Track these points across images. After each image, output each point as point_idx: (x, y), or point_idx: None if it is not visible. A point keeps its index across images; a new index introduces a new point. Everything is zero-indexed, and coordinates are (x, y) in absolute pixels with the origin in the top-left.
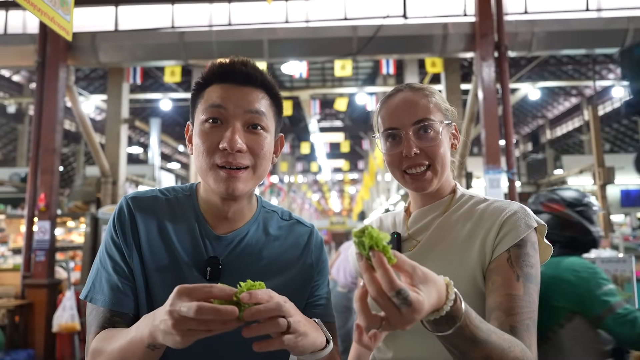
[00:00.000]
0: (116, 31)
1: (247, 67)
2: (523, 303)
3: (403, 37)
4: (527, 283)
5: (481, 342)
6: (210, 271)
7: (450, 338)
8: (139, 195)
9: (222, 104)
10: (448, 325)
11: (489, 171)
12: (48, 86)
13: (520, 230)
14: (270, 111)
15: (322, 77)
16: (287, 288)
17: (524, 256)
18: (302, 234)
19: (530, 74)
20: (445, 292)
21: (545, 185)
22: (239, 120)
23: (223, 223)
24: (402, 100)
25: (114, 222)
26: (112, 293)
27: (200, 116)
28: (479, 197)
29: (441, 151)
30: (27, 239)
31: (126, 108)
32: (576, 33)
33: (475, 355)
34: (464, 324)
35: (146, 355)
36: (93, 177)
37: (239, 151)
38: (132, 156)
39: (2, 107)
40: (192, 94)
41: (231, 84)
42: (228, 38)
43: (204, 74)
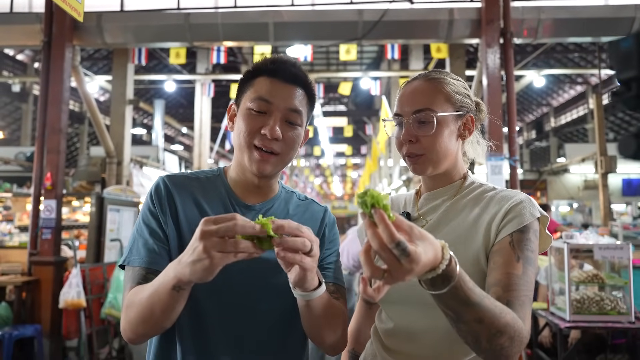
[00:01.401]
0: (122, 11)
1: (296, 68)
2: (521, 281)
3: (408, 22)
4: (526, 265)
5: (474, 304)
6: None
7: (445, 298)
8: (173, 175)
9: (269, 99)
10: (443, 284)
11: (491, 158)
12: (54, 66)
13: (524, 217)
14: (305, 109)
15: (327, 61)
16: None
17: (525, 241)
18: (317, 211)
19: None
20: (441, 252)
21: (548, 173)
22: (281, 114)
23: (251, 196)
24: (412, 89)
25: (151, 196)
26: (148, 253)
27: (247, 103)
28: (488, 186)
29: (436, 142)
30: (33, 217)
31: (131, 89)
32: (583, 20)
33: (468, 317)
34: (458, 285)
35: (171, 297)
36: (98, 158)
37: (276, 139)
38: (136, 137)
39: (6, 86)
40: (241, 80)
41: (279, 80)
42: (233, 20)
43: (256, 64)
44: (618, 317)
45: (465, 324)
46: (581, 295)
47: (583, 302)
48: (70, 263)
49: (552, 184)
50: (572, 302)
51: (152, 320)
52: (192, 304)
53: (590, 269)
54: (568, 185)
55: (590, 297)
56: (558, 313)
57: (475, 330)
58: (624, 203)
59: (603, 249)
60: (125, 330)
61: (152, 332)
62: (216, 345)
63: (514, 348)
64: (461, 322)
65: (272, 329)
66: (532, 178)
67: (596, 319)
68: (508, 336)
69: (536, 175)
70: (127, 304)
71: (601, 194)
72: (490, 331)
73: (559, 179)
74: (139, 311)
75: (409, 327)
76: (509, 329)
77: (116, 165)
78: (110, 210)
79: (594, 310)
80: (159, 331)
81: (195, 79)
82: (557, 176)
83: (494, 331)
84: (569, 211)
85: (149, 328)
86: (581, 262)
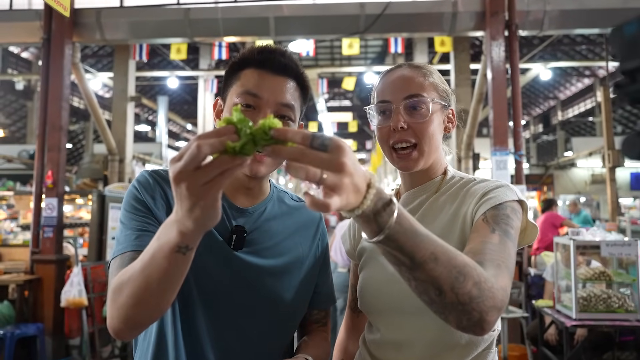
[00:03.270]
0: (121, 7)
1: (286, 57)
2: (495, 248)
3: (412, 15)
4: (503, 237)
5: (423, 234)
6: (235, 239)
7: (392, 235)
8: (159, 170)
9: (257, 92)
10: (386, 212)
11: (496, 152)
12: (54, 63)
13: (498, 198)
14: (298, 102)
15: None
16: (300, 265)
17: (501, 216)
18: (313, 216)
19: (543, 53)
20: (367, 174)
21: (554, 167)
22: (270, 109)
23: (242, 198)
24: (398, 76)
25: (136, 187)
26: (136, 236)
27: (234, 98)
28: (468, 178)
29: (429, 130)
30: (35, 216)
31: (133, 85)
32: (590, 11)
33: (422, 254)
34: (400, 213)
35: (175, 263)
36: (100, 155)
37: None
38: (141, 134)
39: (11, 84)
40: (226, 72)
41: (268, 71)
42: (234, 15)
43: (242, 55)
44: (626, 315)
45: (422, 267)
46: (588, 292)
47: (590, 299)
48: (72, 261)
49: (559, 178)
50: (579, 299)
51: (148, 300)
52: (185, 314)
53: (598, 265)
54: (575, 180)
55: (597, 294)
56: (564, 311)
57: (434, 274)
58: (632, 197)
59: (610, 246)
60: (114, 319)
61: (146, 317)
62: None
63: (485, 300)
64: (417, 266)
65: (266, 341)
66: (538, 172)
67: (603, 317)
68: (472, 281)
69: (542, 169)
70: (114, 288)
71: (609, 188)
72: (451, 273)
73: (565, 174)
74: (131, 291)
75: (397, 337)
76: (469, 271)
77: (118, 163)
78: (112, 208)
79: (601, 308)
80: (154, 316)
81: (198, 75)
82: (564, 170)
83: (454, 273)
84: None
85: (143, 311)
86: (588, 258)
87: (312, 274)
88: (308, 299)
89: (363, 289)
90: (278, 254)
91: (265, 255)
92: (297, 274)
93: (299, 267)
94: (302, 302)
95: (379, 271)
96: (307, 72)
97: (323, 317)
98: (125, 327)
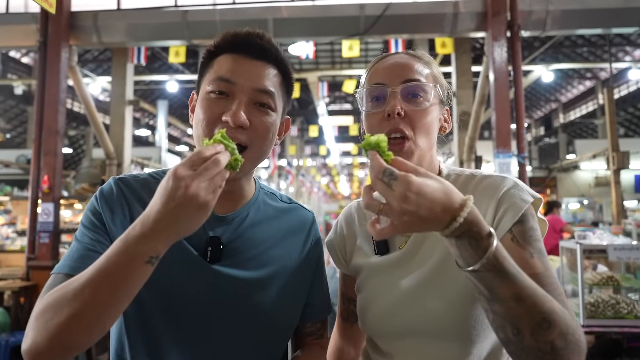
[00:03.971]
0: (118, 10)
1: (263, 40)
2: (549, 280)
3: (412, 15)
4: (542, 258)
5: (510, 275)
6: (211, 252)
7: (482, 269)
8: (127, 177)
9: (231, 78)
10: (476, 248)
11: (499, 155)
12: (50, 66)
13: (518, 205)
14: (280, 90)
15: (332, 59)
16: (289, 274)
17: (529, 231)
18: (303, 219)
19: (544, 56)
20: (459, 198)
21: (557, 169)
22: (246, 96)
23: (222, 203)
24: (395, 61)
25: (96, 198)
26: (79, 255)
27: (206, 87)
28: (465, 174)
29: (427, 120)
30: (31, 221)
31: (131, 89)
32: (593, 11)
33: (504, 293)
34: (496, 251)
35: (144, 273)
36: (99, 159)
37: (241, 126)
38: (142, 138)
39: (11, 89)
40: (201, 63)
41: (244, 55)
42: (232, 17)
43: (216, 41)
44: (635, 321)
45: (501, 303)
46: (595, 298)
47: (597, 305)
48: None
49: (562, 181)
50: (586, 305)
51: (95, 317)
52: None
53: (605, 270)
54: (579, 182)
55: (605, 300)
56: None
57: (513, 313)
58: (636, 200)
59: (618, 250)
60: (40, 343)
61: (86, 338)
62: None
63: (571, 354)
64: (496, 301)
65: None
66: (541, 175)
67: (612, 323)
68: (558, 331)
69: (545, 172)
70: (46, 308)
71: (613, 191)
72: (534, 317)
73: (569, 176)
74: (76, 309)
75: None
76: (557, 319)
77: (116, 167)
78: None
79: (609, 314)
80: (94, 337)
81: None
82: (567, 173)
83: (538, 318)
84: (579, 208)
85: (86, 330)
86: (594, 262)
87: (302, 284)
88: (299, 311)
89: (368, 311)
90: (262, 264)
91: (248, 267)
92: (285, 284)
93: (287, 277)
94: (291, 315)
95: (388, 292)
96: (307, 75)
97: (318, 329)
98: (56, 351)
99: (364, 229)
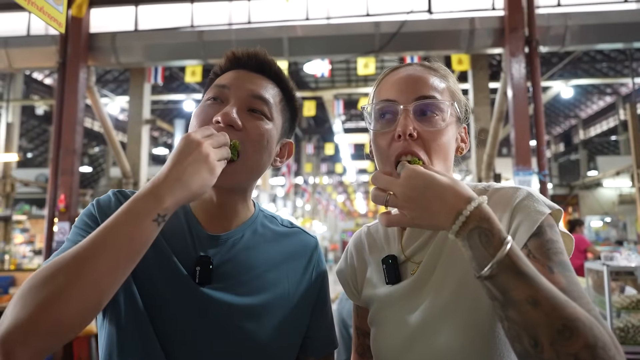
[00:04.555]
0: (136, 31)
1: (264, 57)
2: (575, 294)
3: (428, 33)
4: (565, 272)
5: (526, 275)
6: (199, 271)
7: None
8: (127, 191)
9: (226, 84)
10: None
11: (519, 172)
12: (68, 87)
13: (532, 218)
14: (278, 104)
15: (347, 77)
16: (285, 303)
17: (547, 244)
18: (305, 244)
19: (563, 71)
20: (468, 192)
21: (579, 187)
22: (240, 100)
23: (216, 223)
24: (408, 74)
25: (93, 205)
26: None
27: (204, 100)
28: (478, 188)
29: (443, 141)
30: (47, 240)
31: (148, 109)
32: (613, 26)
33: (519, 295)
34: (511, 250)
35: (149, 233)
36: (116, 178)
37: (232, 126)
38: (159, 157)
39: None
40: (207, 83)
41: (242, 69)
42: (247, 37)
43: (220, 64)
44: None
45: (516, 307)
46: (625, 323)
47: (627, 330)
48: None
49: (585, 198)
50: (615, 330)
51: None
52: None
53: (634, 293)
54: (602, 200)
55: (635, 325)
56: None
57: (530, 319)
58: None
59: None
60: (31, 316)
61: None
62: None
63: None
64: (510, 305)
65: None
66: (562, 193)
67: None
68: (583, 342)
69: (567, 189)
70: (37, 280)
71: (639, 209)
72: (554, 324)
73: (591, 194)
74: (71, 275)
75: None
76: (581, 328)
77: (132, 186)
78: None
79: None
80: (88, 314)
81: None
82: (590, 190)
83: (558, 325)
84: (602, 226)
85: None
86: (622, 284)
87: (300, 314)
88: (296, 344)
89: (380, 347)
90: (256, 290)
91: (240, 292)
92: (281, 313)
93: (283, 306)
94: (287, 347)
95: (398, 326)
96: (323, 94)
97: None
98: (42, 331)
99: (375, 257)
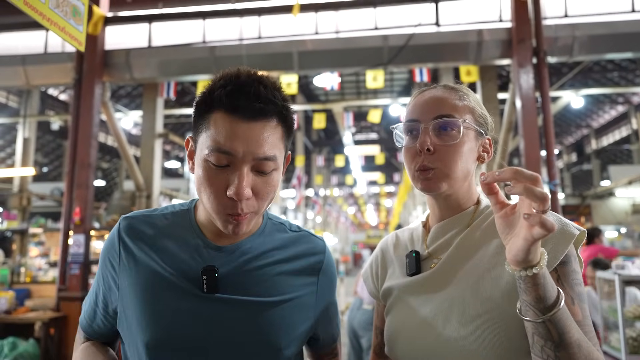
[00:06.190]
0: (149, 47)
1: (261, 98)
2: (587, 329)
3: (436, 45)
4: (582, 305)
5: (573, 319)
6: (206, 280)
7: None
8: (131, 215)
9: (230, 150)
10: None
11: None
12: (84, 102)
13: (563, 244)
14: (281, 144)
15: (357, 89)
16: (292, 306)
17: (572, 274)
18: (312, 247)
19: (573, 81)
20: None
21: (592, 197)
22: (247, 165)
23: (223, 235)
24: (430, 96)
25: (106, 249)
26: (86, 322)
27: (205, 150)
28: None
29: (458, 155)
30: (62, 252)
31: (160, 123)
32: (621, 36)
33: (572, 337)
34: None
35: None
36: (129, 191)
37: (247, 199)
38: (172, 170)
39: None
40: (194, 111)
41: (240, 118)
42: (258, 51)
43: (210, 93)
44: None
45: (567, 349)
46: (638, 332)
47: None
48: None
49: (597, 208)
50: (628, 340)
51: None
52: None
53: None
54: (615, 210)
55: None
56: (612, 352)
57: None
58: None
59: None
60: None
61: None
62: None
63: None
64: (563, 347)
65: None
66: (574, 203)
67: None
68: None
69: (579, 199)
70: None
71: None
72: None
73: (604, 203)
74: None
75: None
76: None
77: (145, 199)
78: None
79: None
80: None
81: None
82: (602, 200)
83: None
84: (617, 237)
85: None
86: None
87: (305, 317)
88: (302, 343)
89: (392, 337)
90: (264, 295)
91: (248, 298)
92: (289, 316)
93: (291, 308)
94: (294, 350)
95: (410, 316)
96: (333, 106)
97: (333, 350)
98: None
99: (398, 255)
